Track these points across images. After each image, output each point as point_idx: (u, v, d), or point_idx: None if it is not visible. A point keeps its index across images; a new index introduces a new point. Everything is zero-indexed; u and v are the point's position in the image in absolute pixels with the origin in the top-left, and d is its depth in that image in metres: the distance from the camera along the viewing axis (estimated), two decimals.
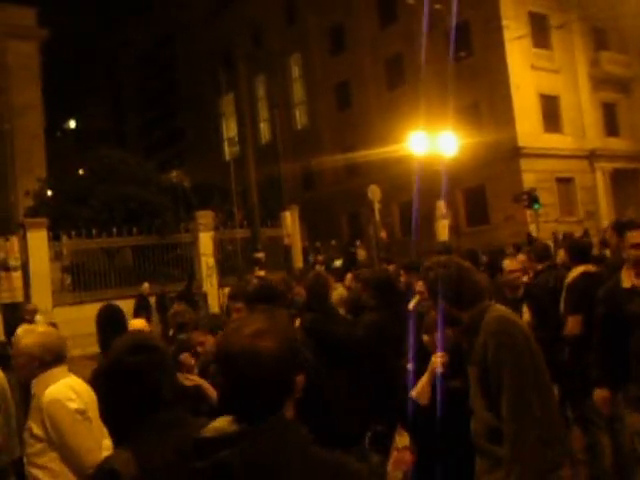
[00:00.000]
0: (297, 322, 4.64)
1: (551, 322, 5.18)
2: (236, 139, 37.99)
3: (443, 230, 18.70)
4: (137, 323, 6.24)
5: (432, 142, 20.01)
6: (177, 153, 49.15)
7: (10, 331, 8.67)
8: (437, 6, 19.28)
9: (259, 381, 1.53)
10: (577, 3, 28.62)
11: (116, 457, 1.93)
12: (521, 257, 7.20)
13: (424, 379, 3.34)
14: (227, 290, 14.13)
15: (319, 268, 15.12)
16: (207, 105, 43.94)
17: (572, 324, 5.12)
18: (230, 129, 42.33)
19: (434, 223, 20.39)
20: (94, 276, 17.99)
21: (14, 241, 10.11)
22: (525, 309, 5.27)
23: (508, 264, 5.63)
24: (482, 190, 27.35)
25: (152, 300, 16.63)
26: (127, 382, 1.98)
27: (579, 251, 5.71)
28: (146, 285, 16.69)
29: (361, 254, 24.30)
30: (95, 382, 3.32)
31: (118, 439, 2.11)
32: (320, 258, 21.71)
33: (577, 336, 5.04)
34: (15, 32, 25.47)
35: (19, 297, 10.11)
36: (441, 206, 18.95)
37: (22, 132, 25.16)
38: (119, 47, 54.80)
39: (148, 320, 16.41)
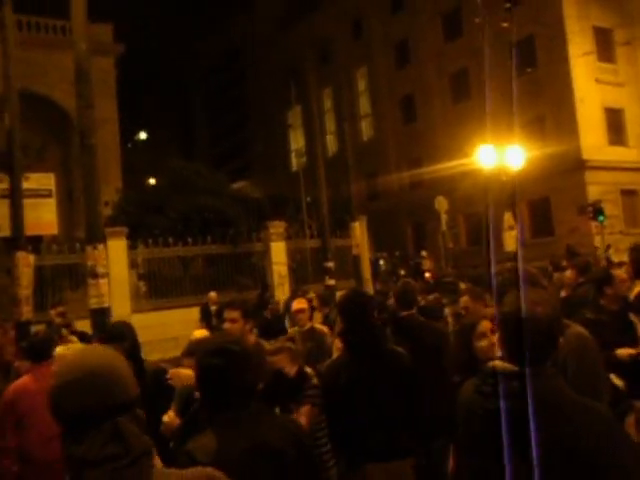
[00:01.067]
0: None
1: None
2: (303, 151, 38.88)
3: (510, 241, 18.86)
4: (199, 333, 6.65)
5: (499, 155, 20.18)
6: (244, 164, 50.28)
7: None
8: (504, 24, 19.38)
9: (536, 336, 2.03)
10: None
11: (195, 442, 2.22)
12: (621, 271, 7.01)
13: None
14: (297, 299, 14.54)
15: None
16: (275, 117, 45.04)
17: None
18: (297, 141, 43.28)
19: (500, 234, 20.51)
20: (169, 284, 18.74)
21: (101, 249, 10.80)
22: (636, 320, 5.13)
23: (620, 274, 5.38)
24: (546, 202, 27.33)
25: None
26: (207, 380, 2.37)
27: None
28: (213, 294, 16.63)
29: (426, 264, 24.56)
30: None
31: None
32: (402, 271, 22.06)
33: None
34: (96, 48, 26.88)
35: (106, 302, 10.82)
36: (509, 217, 19.10)
37: (100, 145, 26.54)
38: (190, 60, 56.55)
39: (211, 328, 16.93)
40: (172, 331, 14.61)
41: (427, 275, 20.91)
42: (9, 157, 10.28)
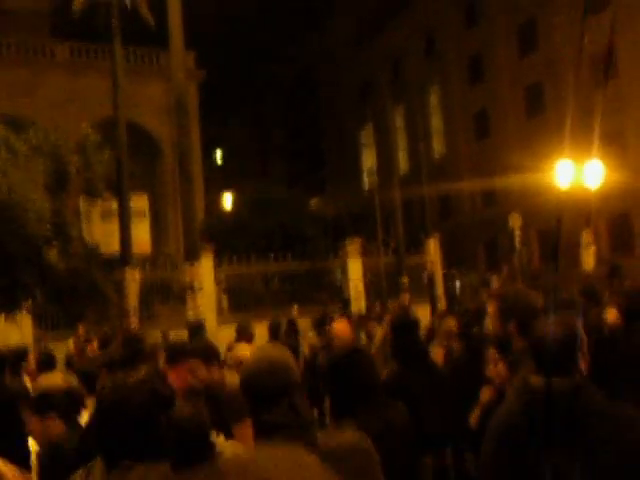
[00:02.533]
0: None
1: None
2: (374, 169, 39.31)
3: (588, 259, 18.64)
4: (242, 347, 6.97)
5: (577, 170, 20.04)
6: (317, 181, 51.04)
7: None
8: (584, 41, 19.28)
9: (553, 352, 2.38)
10: None
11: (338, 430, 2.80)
12: None
13: (476, 408, 3.89)
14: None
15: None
16: (347, 135, 45.69)
17: None
18: (369, 158, 43.79)
19: (577, 251, 20.24)
20: (251, 298, 19.50)
21: (197, 266, 11.58)
22: None
23: None
24: (627, 219, 26.71)
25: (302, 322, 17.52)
26: (343, 375, 2.99)
27: None
28: (295, 308, 16.89)
29: (494, 281, 24.42)
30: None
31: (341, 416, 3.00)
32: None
33: None
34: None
35: (202, 314, 11.61)
36: (587, 234, 18.91)
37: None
38: (265, 79, 57.85)
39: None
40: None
41: None
42: (119, 181, 11.08)
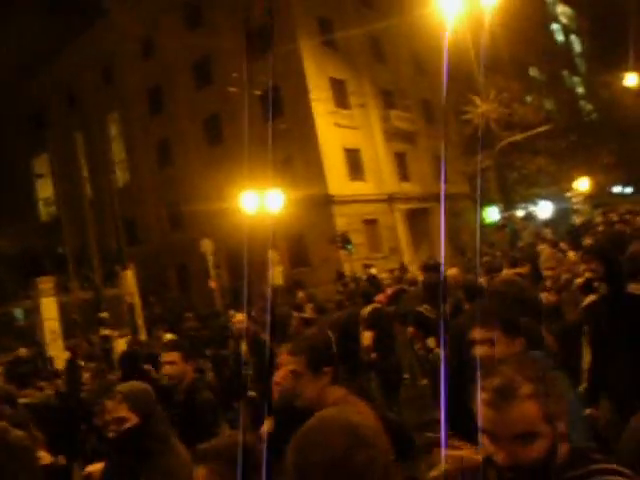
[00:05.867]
0: None
1: None
2: (52, 199, 37.47)
3: (278, 276, 20.77)
4: None
5: (260, 198, 21.98)
6: None
7: None
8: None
9: None
10: (368, 70, 33.00)
11: None
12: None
13: None
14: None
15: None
16: (18, 165, 42.69)
17: None
18: (45, 189, 41.44)
19: (264, 270, 22.19)
20: None
21: None
22: None
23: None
24: (302, 237, 29.82)
25: None
26: None
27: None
28: None
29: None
30: None
31: None
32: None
33: None
34: None
35: None
36: (273, 255, 20.99)
37: None
38: None
39: None
40: None
41: None
42: None
